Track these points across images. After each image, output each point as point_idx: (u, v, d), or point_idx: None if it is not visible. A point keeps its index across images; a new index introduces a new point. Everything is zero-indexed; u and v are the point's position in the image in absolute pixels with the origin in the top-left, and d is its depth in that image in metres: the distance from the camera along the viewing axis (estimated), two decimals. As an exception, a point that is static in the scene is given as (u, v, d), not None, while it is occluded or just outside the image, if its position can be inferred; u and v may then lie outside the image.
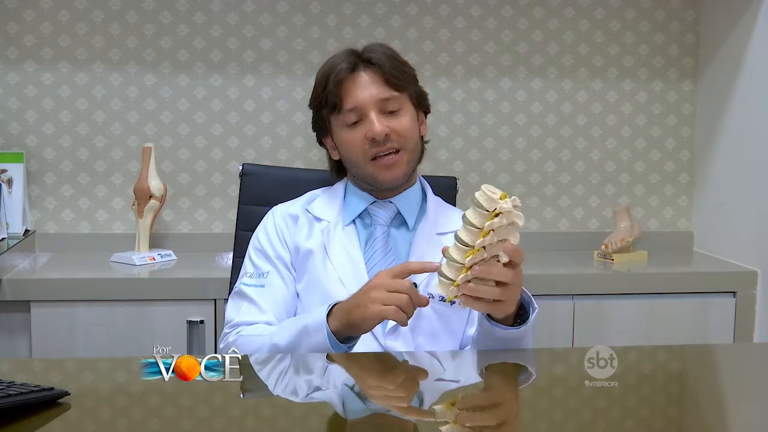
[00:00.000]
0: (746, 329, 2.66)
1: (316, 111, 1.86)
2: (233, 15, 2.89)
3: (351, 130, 1.78)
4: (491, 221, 1.42)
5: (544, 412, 1.41)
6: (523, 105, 3.03)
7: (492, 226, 1.42)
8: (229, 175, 2.92)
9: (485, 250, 1.45)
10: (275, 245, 1.82)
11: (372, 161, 1.77)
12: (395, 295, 1.56)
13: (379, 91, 1.77)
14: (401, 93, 1.80)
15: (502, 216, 1.42)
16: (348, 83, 1.78)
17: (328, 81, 1.79)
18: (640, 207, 3.11)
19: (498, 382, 1.59)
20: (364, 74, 1.78)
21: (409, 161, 1.80)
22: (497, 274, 1.47)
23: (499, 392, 1.52)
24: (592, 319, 2.60)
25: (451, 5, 2.97)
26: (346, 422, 1.35)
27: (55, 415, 1.27)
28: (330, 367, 1.59)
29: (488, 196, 1.41)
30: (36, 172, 2.85)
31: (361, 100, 1.76)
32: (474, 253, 1.44)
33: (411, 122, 1.80)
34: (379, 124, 1.75)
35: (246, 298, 1.78)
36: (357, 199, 1.84)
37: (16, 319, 2.43)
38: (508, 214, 1.42)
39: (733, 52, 2.86)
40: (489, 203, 1.41)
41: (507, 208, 1.42)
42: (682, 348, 2.04)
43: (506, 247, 1.46)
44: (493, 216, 1.42)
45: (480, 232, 1.43)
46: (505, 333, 1.59)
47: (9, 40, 2.80)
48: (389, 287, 1.56)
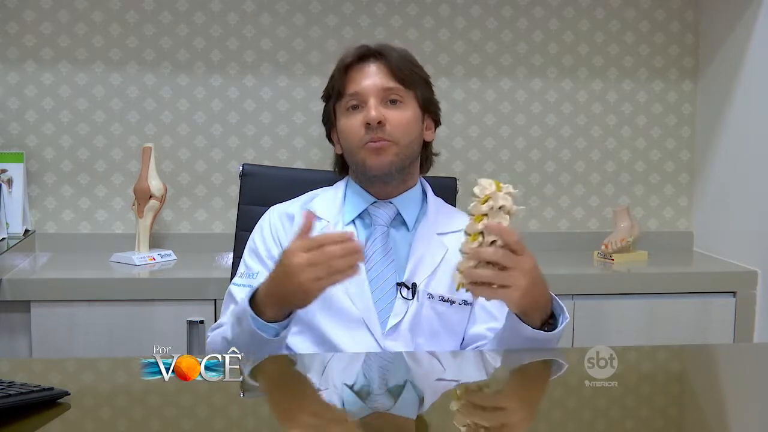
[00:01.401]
0: (746, 329, 2.66)
1: (326, 103, 1.87)
2: (233, 15, 2.89)
3: (350, 115, 1.79)
4: (481, 206, 1.49)
5: (544, 412, 1.41)
6: (523, 105, 3.03)
7: (480, 211, 1.49)
8: (229, 175, 2.92)
9: (483, 236, 1.49)
10: (268, 244, 1.82)
11: (364, 146, 1.77)
12: (323, 266, 1.50)
13: (382, 81, 1.78)
14: (407, 88, 1.80)
15: (490, 200, 1.48)
16: (354, 71, 1.79)
17: (336, 68, 1.82)
18: (640, 207, 3.11)
19: (498, 382, 1.59)
20: (372, 65, 1.80)
21: (399, 154, 1.78)
22: (488, 254, 1.49)
23: (498, 391, 1.51)
24: (592, 319, 2.59)
25: (451, 5, 2.97)
26: (346, 422, 1.35)
27: (55, 415, 1.27)
28: (330, 367, 1.59)
29: (482, 186, 1.50)
30: (36, 172, 2.85)
31: (363, 87, 1.77)
32: (473, 240, 1.49)
33: (410, 118, 1.79)
34: (376, 110, 1.75)
35: (233, 299, 1.78)
36: (357, 199, 1.84)
37: (16, 319, 2.43)
38: (496, 198, 1.48)
39: (733, 52, 2.86)
40: (481, 191, 1.49)
41: (492, 192, 1.48)
42: (682, 348, 2.04)
43: (488, 226, 1.48)
44: (483, 202, 1.49)
45: (474, 218, 1.50)
46: (532, 333, 1.58)
47: (9, 40, 2.80)
48: (312, 261, 1.50)
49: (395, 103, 1.78)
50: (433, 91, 1.87)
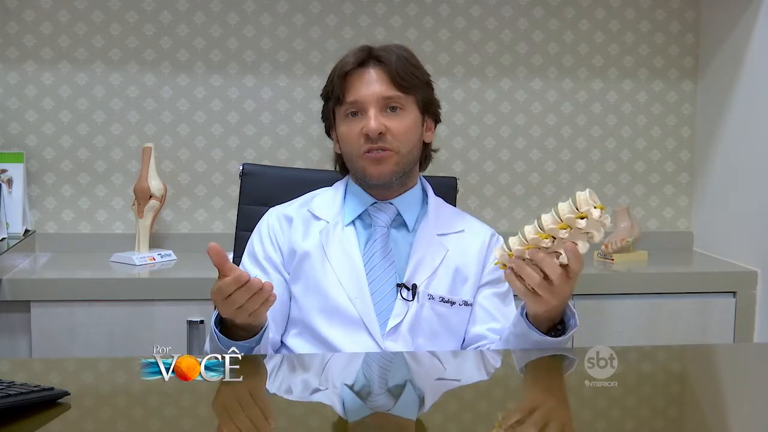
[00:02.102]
0: (746, 329, 2.66)
1: (325, 102, 1.86)
2: (233, 15, 2.89)
3: (349, 123, 1.78)
4: (576, 219, 1.46)
5: (544, 411, 1.40)
6: (523, 105, 3.03)
7: (570, 223, 1.46)
8: (229, 175, 2.92)
9: (554, 242, 1.49)
10: (266, 247, 1.82)
11: (364, 154, 1.77)
12: (242, 305, 1.52)
13: (382, 89, 1.76)
14: (407, 94, 1.78)
15: (585, 220, 1.46)
16: (353, 77, 1.78)
17: (335, 73, 1.80)
18: (640, 207, 3.11)
19: (498, 382, 1.59)
20: (371, 71, 1.78)
21: (399, 163, 1.77)
22: (548, 265, 1.49)
23: (498, 391, 1.51)
24: (592, 319, 2.59)
25: (451, 5, 2.97)
26: (347, 422, 1.35)
27: (55, 415, 1.27)
28: (330, 367, 1.59)
29: (587, 199, 1.46)
30: (36, 172, 2.85)
31: (363, 96, 1.76)
32: (543, 238, 1.48)
33: (411, 125, 1.78)
34: (375, 121, 1.74)
35: None
36: (357, 200, 1.84)
37: (16, 319, 2.43)
38: (591, 223, 1.46)
39: (733, 52, 2.85)
40: (584, 204, 1.46)
41: (594, 217, 1.46)
42: (682, 348, 2.04)
43: (567, 246, 1.49)
44: (578, 217, 1.46)
45: (559, 222, 1.47)
46: (541, 338, 1.59)
47: (9, 40, 2.80)
48: (233, 301, 1.52)
49: (395, 110, 1.77)
50: (433, 90, 1.86)
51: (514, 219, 3.04)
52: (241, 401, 1.40)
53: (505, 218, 3.03)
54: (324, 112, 1.87)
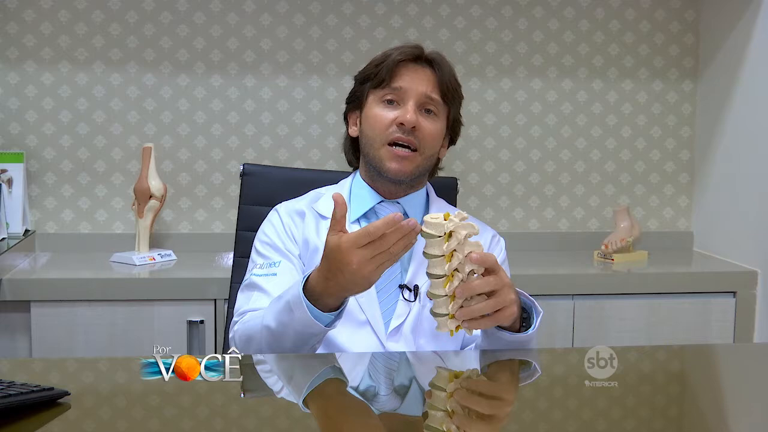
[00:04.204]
0: (746, 329, 2.66)
1: (359, 83, 1.87)
2: (233, 15, 2.89)
3: (385, 107, 1.80)
4: (447, 243, 1.44)
5: (544, 411, 1.41)
6: (523, 105, 3.03)
7: (450, 248, 1.45)
8: (229, 175, 2.92)
9: (458, 272, 1.47)
10: (284, 239, 1.81)
11: (388, 146, 1.78)
12: (383, 254, 1.48)
13: (428, 89, 1.80)
14: (444, 103, 1.83)
15: (454, 234, 1.45)
16: (406, 67, 1.81)
17: (387, 58, 1.82)
18: (640, 207, 3.11)
19: (498, 382, 1.59)
20: (425, 68, 1.82)
21: (420, 165, 1.80)
22: (479, 286, 1.48)
23: (497, 391, 1.51)
24: (592, 319, 2.60)
25: (451, 5, 2.97)
26: (353, 422, 1.35)
27: (55, 415, 1.27)
28: (329, 366, 1.59)
29: (433, 223, 1.44)
30: (36, 172, 2.85)
31: (409, 86, 1.79)
32: (450, 280, 1.46)
33: (438, 131, 1.82)
34: (412, 114, 1.77)
35: (257, 288, 1.74)
36: (363, 197, 1.84)
37: (16, 319, 2.43)
38: (459, 230, 1.45)
39: (733, 52, 2.86)
40: (437, 229, 1.44)
41: (454, 225, 1.44)
42: (682, 348, 2.04)
43: (473, 259, 1.47)
44: (447, 238, 1.45)
45: (444, 258, 1.45)
46: (512, 337, 1.60)
47: (9, 40, 2.80)
48: (373, 253, 1.48)
49: (429, 113, 1.81)
50: (460, 110, 1.90)
51: (514, 219, 3.04)
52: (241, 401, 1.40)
53: (505, 218, 3.03)
54: (353, 93, 1.88)
